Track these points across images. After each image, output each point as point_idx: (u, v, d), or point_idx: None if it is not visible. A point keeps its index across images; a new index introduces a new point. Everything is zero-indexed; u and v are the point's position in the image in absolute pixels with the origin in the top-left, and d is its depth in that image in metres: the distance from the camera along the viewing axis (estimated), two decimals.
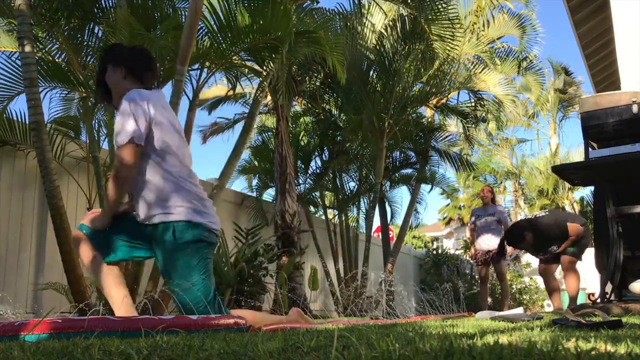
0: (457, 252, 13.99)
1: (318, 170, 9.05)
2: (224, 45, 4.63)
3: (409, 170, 10.17)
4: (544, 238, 4.99)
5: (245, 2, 4.46)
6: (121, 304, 2.16)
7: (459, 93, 9.63)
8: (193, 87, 4.83)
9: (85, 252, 2.23)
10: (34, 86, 3.79)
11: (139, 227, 2.22)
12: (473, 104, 9.22)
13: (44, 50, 4.65)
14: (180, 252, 2.14)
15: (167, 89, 6.48)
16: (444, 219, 23.03)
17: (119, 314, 2.14)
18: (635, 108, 3.56)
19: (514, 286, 12.15)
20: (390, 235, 10.99)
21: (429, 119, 10.06)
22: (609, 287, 3.86)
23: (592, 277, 6.79)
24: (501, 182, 19.55)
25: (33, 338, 1.61)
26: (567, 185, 15.05)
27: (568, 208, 16.58)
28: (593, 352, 0.91)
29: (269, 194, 8.86)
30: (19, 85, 4.38)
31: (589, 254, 5.24)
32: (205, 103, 9.19)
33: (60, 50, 4.67)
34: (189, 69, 4.49)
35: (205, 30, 4.68)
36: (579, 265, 4.99)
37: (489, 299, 12.10)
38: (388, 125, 7.72)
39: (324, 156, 9.02)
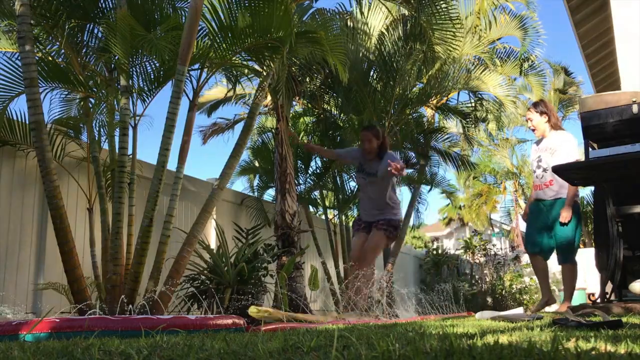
0: (457, 252, 14.00)
1: (318, 170, 9.05)
2: (224, 45, 4.63)
3: (409, 171, 10.17)
4: None
5: (246, 2, 4.46)
6: None
7: (459, 93, 9.63)
8: (193, 87, 4.83)
9: None
10: (34, 86, 3.79)
11: None
12: (473, 105, 9.23)
13: (44, 51, 4.65)
14: None
15: (167, 89, 6.50)
16: (444, 219, 23.04)
17: None
18: (635, 108, 3.56)
19: (514, 286, 12.16)
20: None
21: (429, 119, 10.07)
22: (609, 287, 3.86)
23: (592, 277, 6.79)
24: (501, 182, 19.54)
25: (33, 338, 1.61)
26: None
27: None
28: (593, 352, 0.91)
29: (269, 194, 8.87)
30: (19, 86, 4.39)
31: (590, 253, 5.24)
32: (204, 106, 9.19)
33: (60, 50, 4.67)
34: (189, 69, 4.49)
35: (206, 30, 4.68)
36: (578, 263, 4.96)
37: (489, 299, 12.13)
38: (388, 125, 7.72)
39: None
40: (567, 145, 4.62)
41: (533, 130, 4.87)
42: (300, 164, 8.81)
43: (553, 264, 4.95)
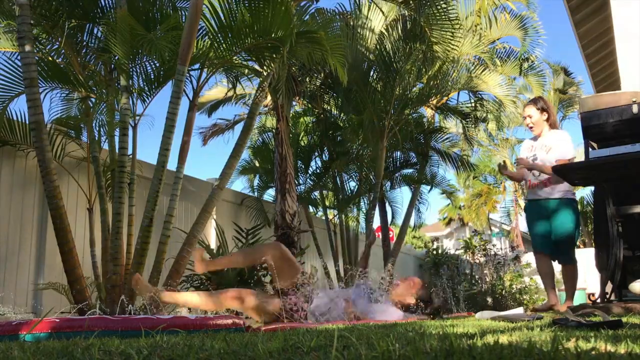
0: (457, 252, 13.99)
1: (318, 170, 9.05)
2: (224, 45, 4.63)
3: (409, 171, 10.18)
4: None
5: (246, 2, 4.46)
6: None
7: (459, 93, 9.63)
8: (193, 87, 4.83)
9: None
10: (34, 86, 3.79)
11: None
12: (473, 105, 9.23)
13: (44, 51, 4.65)
14: None
15: (167, 89, 6.50)
16: (444, 219, 23.06)
17: None
18: (635, 108, 3.56)
19: (514, 286, 12.15)
20: (391, 235, 11.00)
21: (429, 119, 10.07)
22: (609, 287, 3.86)
23: (592, 277, 6.79)
24: (501, 182, 19.55)
25: (33, 338, 1.61)
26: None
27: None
28: (593, 352, 0.91)
29: (269, 194, 8.87)
30: (19, 86, 4.39)
31: (590, 253, 5.23)
32: (204, 106, 9.19)
33: (60, 50, 4.67)
34: (189, 69, 4.49)
35: (206, 30, 4.68)
36: (578, 264, 4.92)
37: (489, 299, 12.12)
38: (388, 125, 7.72)
39: (324, 156, 9.02)
40: (564, 143, 4.56)
41: (531, 127, 4.73)
42: (300, 164, 8.81)
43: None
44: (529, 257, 12.18)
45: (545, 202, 4.63)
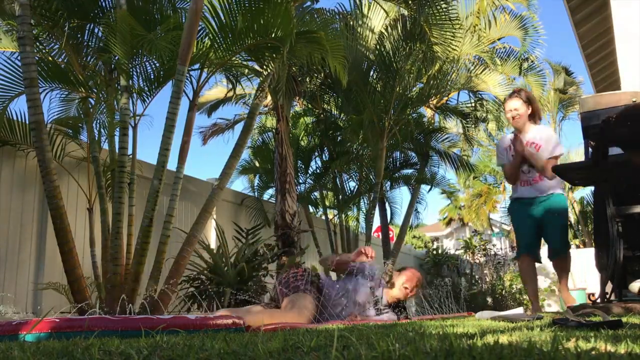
0: (457, 252, 14.00)
1: (318, 170, 9.05)
2: (224, 45, 4.63)
3: (409, 171, 10.19)
4: None
5: (246, 3, 4.46)
6: None
7: (459, 93, 9.64)
8: (193, 87, 4.83)
9: None
10: (34, 86, 3.79)
11: None
12: (473, 105, 9.23)
13: (44, 51, 4.65)
14: None
15: (167, 89, 6.50)
16: (445, 219, 23.05)
17: None
18: None
19: (514, 286, 12.16)
20: (390, 235, 11.00)
21: (429, 119, 10.07)
22: (609, 287, 3.86)
23: (592, 277, 6.78)
24: (501, 182, 19.54)
25: (33, 337, 1.61)
26: (568, 185, 15.01)
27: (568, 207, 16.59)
28: (593, 352, 0.91)
29: (269, 194, 8.87)
30: (19, 86, 4.39)
31: (590, 253, 5.22)
32: (204, 106, 9.20)
33: (60, 50, 4.67)
34: (189, 69, 4.49)
35: (206, 30, 4.68)
36: (578, 263, 4.88)
37: (489, 299, 12.14)
38: (388, 125, 7.72)
39: (324, 156, 9.03)
40: (552, 140, 4.39)
41: (513, 118, 4.39)
42: (300, 164, 8.82)
43: (549, 264, 4.76)
44: None
45: (535, 200, 4.39)
